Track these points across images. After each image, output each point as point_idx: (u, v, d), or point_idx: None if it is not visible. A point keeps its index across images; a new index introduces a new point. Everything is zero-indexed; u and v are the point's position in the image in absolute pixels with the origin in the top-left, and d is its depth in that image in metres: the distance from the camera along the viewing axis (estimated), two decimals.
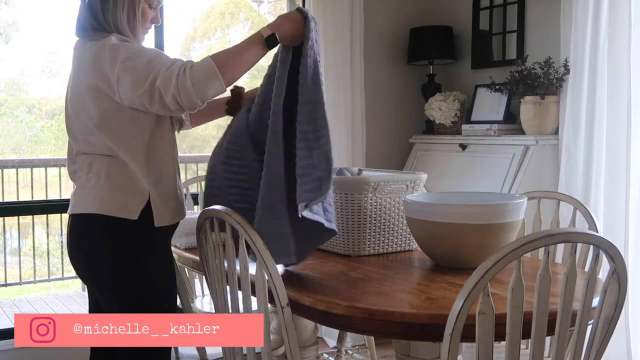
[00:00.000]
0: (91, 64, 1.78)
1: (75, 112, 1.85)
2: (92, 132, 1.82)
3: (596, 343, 1.46)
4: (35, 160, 5.68)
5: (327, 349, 3.49)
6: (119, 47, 1.76)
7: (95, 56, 1.77)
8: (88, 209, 1.82)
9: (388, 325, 1.51)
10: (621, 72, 2.92)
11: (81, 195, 1.86)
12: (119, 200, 1.81)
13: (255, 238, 1.67)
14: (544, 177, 3.16)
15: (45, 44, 5.63)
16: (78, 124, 1.85)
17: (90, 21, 1.84)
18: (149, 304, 1.84)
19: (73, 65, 1.89)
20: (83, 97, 1.81)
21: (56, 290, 5.59)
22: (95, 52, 1.78)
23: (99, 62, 1.76)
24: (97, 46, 1.78)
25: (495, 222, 1.84)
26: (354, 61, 3.65)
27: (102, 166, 1.83)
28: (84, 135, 1.85)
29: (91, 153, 1.84)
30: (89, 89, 1.79)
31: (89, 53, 1.80)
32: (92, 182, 1.84)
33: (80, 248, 1.87)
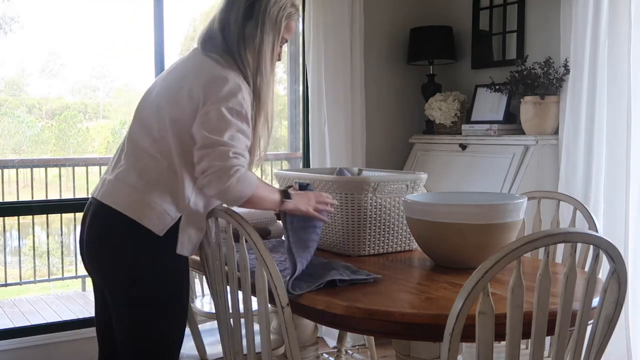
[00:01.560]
0: (208, 81, 1.74)
1: (159, 106, 1.80)
2: (165, 132, 1.77)
3: (596, 343, 1.47)
4: (35, 160, 5.67)
5: (327, 349, 3.49)
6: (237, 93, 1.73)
7: (216, 78, 1.74)
8: (119, 206, 1.76)
9: (388, 325, 1.51)
10: (621, 72, 2.92)
11: (117, 188, 1.79)
12: (150, 208, 1.75)
13: (256, 238, 1.67)
14: (544, 177, 3.16)
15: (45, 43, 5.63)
16: (157, 119, 1.80)
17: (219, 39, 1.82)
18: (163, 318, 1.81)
19: (178, 66, 1.86)
20: (181, 100, 1.76)
21: (56, 290, 5.58)
22: (219, 75, 1.75)
23: (216, 86, 1.73)
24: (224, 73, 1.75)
25: (495, 222, 1.84)
26: (354, 61, 3.65)
27: (153, 166, 1.78)
28: (152, 129, 1.79)
29: (149, 152, 1.79)
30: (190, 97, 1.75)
31: (211, 69, 1.76)
32: (132, 178, 1.78)
33: (106, 243, 1.79)
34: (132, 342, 1.83)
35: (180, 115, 1.76)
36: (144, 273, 1.78)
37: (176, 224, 1.78)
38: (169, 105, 1.78)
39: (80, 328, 3.31)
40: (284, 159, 4.51)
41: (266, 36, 1.82)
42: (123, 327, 1.83)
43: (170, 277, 1.82)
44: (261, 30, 1.82)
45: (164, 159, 1.78)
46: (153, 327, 1.81)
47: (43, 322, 3.68)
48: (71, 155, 6.47)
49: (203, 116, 1.72)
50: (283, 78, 4.11)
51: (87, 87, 6.93)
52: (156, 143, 1.79)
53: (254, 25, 1.82)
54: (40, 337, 3.22)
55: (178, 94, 1.77)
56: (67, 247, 5.75)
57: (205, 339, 2.19)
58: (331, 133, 3.60)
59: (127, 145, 1.85)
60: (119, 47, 5.67)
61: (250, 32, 1.82)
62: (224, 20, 1.84)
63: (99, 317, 1.98)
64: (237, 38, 1.82)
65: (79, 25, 5.50)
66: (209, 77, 1.75)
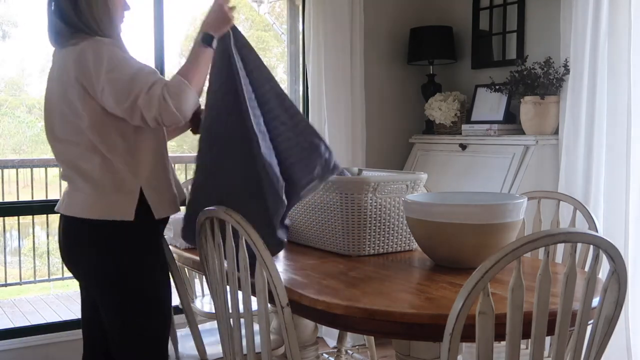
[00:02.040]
0: (76, 66, 1.79)
1: (62, 113, 1.85)
2: (80, 132, 1.83)
3: (596, 343, 1.46)
4: (35, 160, 5.67)
5: (327, 349, 3.49)
6: (102, 54, 1.78)
7: (78, 59, 1.79)
8: (82, 214, 1.85)
9: (388, 325, 1.51)
10: (621, 72, 2.92)
11: (73, 198, 1.89)
12: (109, 203, 1.84)
13: (255, 238, 1.67)
14: (544, 177, 3.16)
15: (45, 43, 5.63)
16: (63, 125, 1.86)
17: (63, 26, 1.86)
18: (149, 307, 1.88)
19: (52, 73, 1.92)
20: (70, 98, 1.82)
21: (56, 290, 5.59)
22: (78, 55, 1.79)
23: (84, 66, 1.78)
24: (79, 49, 1.80)
25: (495, 222, 1.84)
26: (354, 61, 3.65)
27: (88, 168, 1.85)
28: (69, 136, 1.86)
29: (76, 155, 1.86)
30: (76, 90, 1.80)
31: (72, 56, 1.81)
32: (80, 185, 1.86)
33: (78, 251, 1.89)
34: (126, 338, 1.90)
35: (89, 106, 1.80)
36: (122, 269, 1.86)
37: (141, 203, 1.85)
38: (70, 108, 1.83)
39: (80, 328, 3.30)
40: None
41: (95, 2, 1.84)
42: (115, 325, 1.90)
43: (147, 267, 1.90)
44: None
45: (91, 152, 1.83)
46: (144, 321, 1.89)
47: (43, 322, 3.69)
48: None
49: (102, 93, 1.77)
50: (283, 78, 4.11)
51: None
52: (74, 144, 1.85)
53: None
54: (40, 337, 3.22)
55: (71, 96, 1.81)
56: None
57: (205, 339, 2.19)
58: (331, 133, 3.60)
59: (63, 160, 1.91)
60: None
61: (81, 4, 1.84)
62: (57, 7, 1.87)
63: (84, 317, 2.06)
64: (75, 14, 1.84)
65: None
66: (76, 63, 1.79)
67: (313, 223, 2.26)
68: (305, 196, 2.00)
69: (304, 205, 2.30)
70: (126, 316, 1.89)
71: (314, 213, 2.26)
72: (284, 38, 4.01)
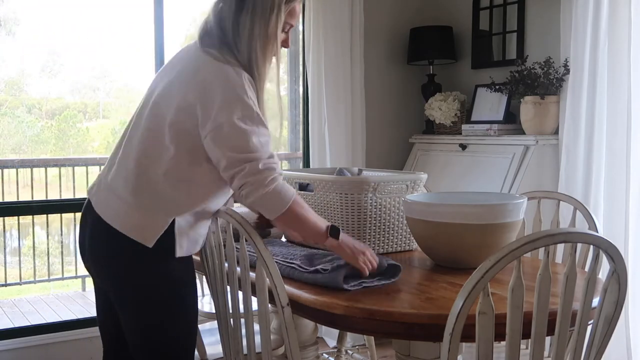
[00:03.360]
0: (200, 82, 1.66)
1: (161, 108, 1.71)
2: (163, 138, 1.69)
3: (596, 343, 1.46)
4: (35, 160, 5.67)
5: (327, 349, 3.49)
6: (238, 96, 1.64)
7: (207, 79, 1.66)
8: (112, 222, 1.70)
9: (388, 325, 1.51)
10: (621, 72, 2.92)
11: (110, 200, 1.73)
12: (136, 221, 1.69)
13: (256, 238, 1.67)
14: (544, 177, 3.16)
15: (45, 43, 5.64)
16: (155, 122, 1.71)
17: (217, 33, 1.73)
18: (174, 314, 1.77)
19: (175, 62, 1.79)
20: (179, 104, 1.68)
21: (56, 290, 5.58)
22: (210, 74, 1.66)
23: (208, 89, 1.65)
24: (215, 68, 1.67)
25: (495, 222, 1.84)
26: (354, 61, 3.65)
27: (143, 178, 1.70)
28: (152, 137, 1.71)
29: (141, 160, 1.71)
30: (185, 101, 1.67)
31: (206, 69, 1.67)
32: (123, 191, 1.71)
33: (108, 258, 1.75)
34: (144, 345, 1.79)
35: (181, 119, 1.68)
36: (147, 280, 1.73)
37: (170, 229, 1.72)
38: (168, 109, 1.70)
39: (80, 328, 3.31)
40: (284, 159, 4.50)
41: (258, 25, 1.71)
42: (133, 332, 1.78)
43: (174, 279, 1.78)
44: (252, 19, 1.71)
45: (157, 166, 1.70)
46: (164, 330, 1.77)
47: (43, 322, 3.69)
48: (71, 155, 6.46)
49: (216, 131, 1.64)
50: (283, 78, 4.11)
51: (87, 87, 6.93)
52: (147, 147, 1.71)
53: (247, 14, 1.71)
54: (40, 337, 3.22)
55: (178, 96, 1.69)
56: (67, 247, 5.75)
57: (205, 339, 2.20)
58: (331, 133, 3.60)
59: (124, 148, 1.77)
60: (119, 47, 5.67)
61: (243, 22, 1.71)
62: (219, 12, 1.75)
63: (100, 317, 1.96)
64: (232, 28, 1.72)
65: (79, 25, 5.50)
66: (209, 79, 1.66)
67: None
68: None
69: None
70: (149, 323, 1.77)
71: None
72: None
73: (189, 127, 1.68)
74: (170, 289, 1.76)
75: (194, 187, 1.72)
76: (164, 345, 1.78)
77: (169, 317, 1.76)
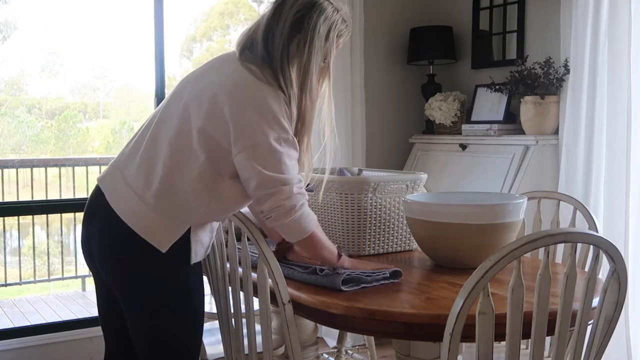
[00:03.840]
0: (237, 97, 1.62)
1: (190, 113, 1.67)
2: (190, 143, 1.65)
3: (596, 343, 1.47)
4: (35, 160, 5.68)
5: (327, 349, 3.49)
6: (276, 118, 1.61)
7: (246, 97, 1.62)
8: (126, 218, 1.66)
9: (388, 325, 1.51)
10: (621, 72, 2.92)
11: (125, 194, 1.69)
12: (155, 225, 1.66)
13: (258, 236, 1.67)
14: (544, 177, 3.16)
15: (45, 43, 5.64)
16: (182, 125, 1.67)
17: (262, 52, 1.68)
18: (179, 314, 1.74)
19: (211, 69, 1.74)
20: (213, 112, 1.64)
21: (56, 290, 5.59)
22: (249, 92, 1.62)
23: (246, 106, 1.61)
24: (255, 87, 1.63)
25: (495, 222, 1.84)
26: (354, 61, 3.65)
27: (163, 180, 1.66)
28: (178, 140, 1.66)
29: (165, 160, 1.67)
30: (217, 111, 1.63)
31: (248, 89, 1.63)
32: (142, 189, 1.67)
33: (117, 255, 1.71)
34: (149, 346, 1.77)
35: (210, 127, 1.64)
36: (157, 282, 1.71)
37: (185, 235, 1.70)
38: (198, 114, 1.65)
39: (80, 328, 3.31)
40: None
41: (314, 56, 1.69)
42: (139, 333, 1.76)
43: (185, 283, 1.75)
44: (309, 49, 1.68)
45: (183, 172, 1.66)
46: (171, 333, 1.75)
47: (43, 322, 3.69)
48: (71, 155, 6.47)
49: (252, 149, 1.61)
50: None
51: (87, 87, 6.94)
52: (174, 151, 1.67)
53: (302, 42, 1.68)
54: (40, 337, 3.22)
55: (210, 105, 1.64)
56: (67, 247, 5.75)
57: (205, 339, 2.19)
58: None
59: (146, 144, 1.71)
60: (119, 47, 5.67)
61: (295, 49, 1.69)
62: (268, 30, 1.69)
63: (102, 316, 1.94)
64: (282, 53, 1.67)
65: (78, 25, 5.50)
66: (248, 97, 1.63)
67: None
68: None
69: None
70: (155, 325, 1.74)
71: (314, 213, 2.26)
72: None
73: (218, 137, 1.64)
74: (180, 293, 1.73)
75: (214, 199, 1.68)
76: (169, 347, 1.76)
77: (177, 320, 1.74)
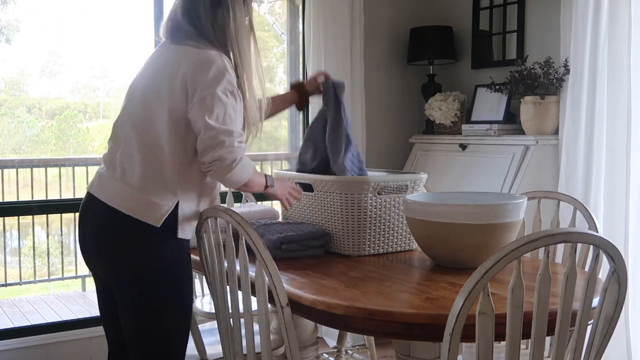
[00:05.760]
0: (193, 67, 1.78)
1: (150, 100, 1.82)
2: (159, 126, 1.80)
3: (596, 343, 1.47)
4: (35, 160, 5.67)
5: (327, 349, 3.49)
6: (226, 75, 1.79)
7: (201, 63, 1.78)
8: (115, 204, 1.80)
9: (388, 325, 1.51)
10: (621, 72, 2.92)
11: (112, 185, 1.84)
12: (143, 203, 1.79)
13: (255, 238, 1.67)
14: (544, 177, 3.16)
15: (45, 43, 5.64)
16: (146, 114, 1.82)
17: (190, 29, 1.85)
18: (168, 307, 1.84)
19: (154, 61, 1.90)
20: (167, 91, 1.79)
21: (56, 290, 5.59)
22: (201, 59, 1.78)
23: (202, 71, 1.77)
24: (204, 55, 1.79)
25: (495, 222, 1.84)
26: (354, 61, 3.65)
27: (143, 163, 1.81)
28: (147, 128, 1.82)
29: (140, 148, 1.81)
30: (179, 86, 1.78)
31: (191, 56, 1.80)
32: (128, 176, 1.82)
33: (107, 241, 1.83)
34: (140, 336, 1.85)
35: (176, 105, 1.79)
36: (148, 265, 1.81)
37: (174, 211, 1.82)
38: (161, 98, 1.81)
39: (80, 328, 3.31)
40: (284, 159, 4.51)
41: (239, 20, 1.88)
42: (130, 321, 1.85)
43: (173, 266, 1.85)
44: (234, 17, 1.87)
45: (155, 152, 1.81)
46: (160, 320, 1.83)
47: (43, 322, 3.69)
48: (71, 155, 6.46)
49: (200, 103, 1.77)
50: (283, 78, 4.11)
51: (87, 87, 6.93)
52: (147, 138, 1.82)
53: (225, 12, 1.86)
54: (40, 337, 3.22)
55: (169, 86, 1.80)
56: (67, 247, 5.75)
57: (205, 339, 2.19)
58: None
59: (123, 146, 1.86)
60: (118, 47, 5.67)
61: (222, 20, 1.86)
62: (191, 11, 1.87)
63: (104, 316, 2.00)
64: (212, 26, 1.86)
65: (79, 25, 5.50)
66: (195, 63, 1.79)
67: (313, 223, 2.26)
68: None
69: (304, 205, 2.30)
70: (143, 315, 1.83)
71: (314, 213, 2.26)
72: (284, 38, 4.01)
73: (184, 111, 1.80)
74: (170, 268, 1.84)
75: (194, 170, 1.84)
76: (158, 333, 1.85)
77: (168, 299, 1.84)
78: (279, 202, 2.12)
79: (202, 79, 1.77)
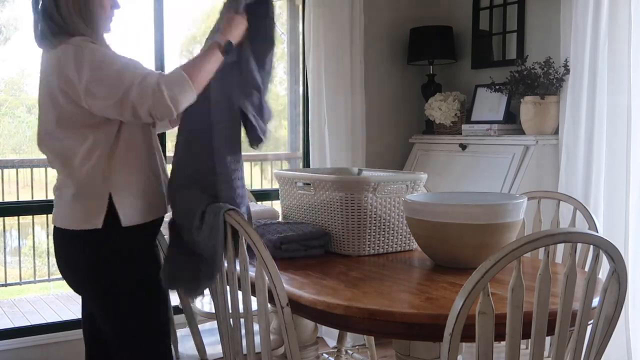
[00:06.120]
0: (56, 69, 1.74)
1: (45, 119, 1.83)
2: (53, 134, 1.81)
3: (596, 343, 1.47)
4: (35, 160, 5.66)
5: (327, 349, 3.49)
6: (83, 54, 1.72)
7: (58, 64, 1.74)
8: (60, 223, 1.84)
9: (388, 325, 1.51)
10: (621, 72, 2.92)
11: (56, 206, 1.88)
12: (79, 211, 1.81)
13: (255, 238, 1.67)
14: (544, 177, 3.16)
15: None
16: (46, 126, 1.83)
17: (49, 26, 1.78)
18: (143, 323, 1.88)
19: (40, 75, 1.85)
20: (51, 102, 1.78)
21: (56, 290, 5.58)
22: (57, 60, 1.74)
23: (63, 67, 1.73)
24: (58, 53, 1.74)
25: (495, 222, 1.84)
26: (354, 61, 3.65)
27: (63, 176, 1.84)
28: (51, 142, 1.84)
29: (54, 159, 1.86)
30: (59, 93, 1.75)
31: (53, 59, 1.76)
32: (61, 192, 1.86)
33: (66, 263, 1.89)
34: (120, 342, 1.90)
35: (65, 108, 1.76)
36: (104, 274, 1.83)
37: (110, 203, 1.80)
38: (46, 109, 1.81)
39: (80, 328, 3.30)
40: (284, 159, 4.51)
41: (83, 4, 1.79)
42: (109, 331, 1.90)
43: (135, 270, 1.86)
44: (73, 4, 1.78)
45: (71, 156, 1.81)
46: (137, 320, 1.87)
47: (43, 322, 3.68)
48: None
49: (87, 94, 1.71)
50: (283, 78, 4.11)
51: None
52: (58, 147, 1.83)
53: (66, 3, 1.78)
54: (40, 337, 3.22)
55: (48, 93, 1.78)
56: None
57: (205, 339, 2.19)
58: (331, 133, 3.60)
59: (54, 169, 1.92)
60: (119, 47, 5.67)
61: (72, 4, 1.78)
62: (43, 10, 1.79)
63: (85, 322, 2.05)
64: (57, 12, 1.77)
65: None
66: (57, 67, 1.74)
67: (313, 223, 2.26)
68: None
69: (304, 205, 2.30)
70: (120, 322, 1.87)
71: (314, 213, 2.26)
72: (284, 38, 4.01)
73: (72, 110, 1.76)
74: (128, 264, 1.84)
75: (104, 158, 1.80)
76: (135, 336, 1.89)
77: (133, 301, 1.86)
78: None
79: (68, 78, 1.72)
